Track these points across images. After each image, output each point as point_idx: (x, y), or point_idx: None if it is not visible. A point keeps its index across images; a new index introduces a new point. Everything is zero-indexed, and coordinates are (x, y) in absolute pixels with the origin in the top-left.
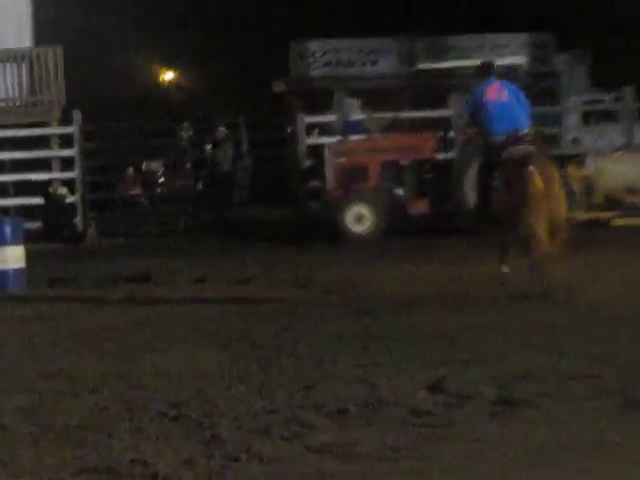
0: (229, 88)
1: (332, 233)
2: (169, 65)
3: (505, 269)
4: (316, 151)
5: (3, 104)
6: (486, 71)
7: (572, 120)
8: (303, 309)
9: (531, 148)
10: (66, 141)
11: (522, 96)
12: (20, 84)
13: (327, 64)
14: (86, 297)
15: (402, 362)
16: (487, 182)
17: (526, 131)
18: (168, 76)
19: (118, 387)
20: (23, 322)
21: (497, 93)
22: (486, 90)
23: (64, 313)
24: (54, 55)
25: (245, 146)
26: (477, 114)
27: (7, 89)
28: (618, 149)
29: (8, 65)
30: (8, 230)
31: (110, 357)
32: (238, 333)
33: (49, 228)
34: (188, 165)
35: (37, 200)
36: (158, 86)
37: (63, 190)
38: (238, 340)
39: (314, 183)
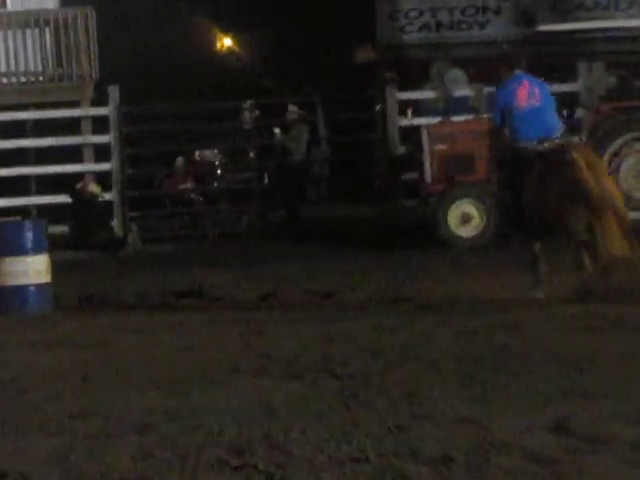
0: (302, 58)
1: (431, 237)
2: (227, 29)
3: (539, 294)
4: (411, 135)
5: (23, 79)
6: (512, 63)
7: None
8: (393, 330)
9: (567, 141)
10: (100, 125)
11: (549, 92)
12: (44, 55)
13: (424, 27)
14: (125, 318)
15: (515, 396)
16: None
17: (559, 135)
18: (226, 43)
19: (166, 428)
20: (48, 350)
21: (528, 95)
22: (516, 93)
23: (98, 339)
24: (85, 18)
25: (322, 130)
26: (506, 120)
27: (28, 61)
28: None
29: (29, 31)
30: (29, 236)
31: (155, 391)
32: (315, 360)
33: (80, 233)
34: (252, 154)
35: (64, 198)
36: (214, 56)
37: (94, 186)
38: (315, 369)
39: (408, 175)
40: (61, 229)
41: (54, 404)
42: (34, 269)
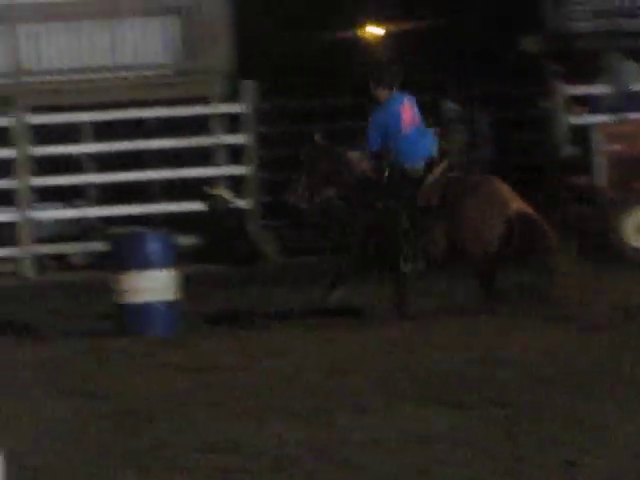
0: (459, 49)
1: (603, 247)
2: (374, 18)
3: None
4: (582, 134)
5: (148, 73)
6: (390, 81)
7: None
8: (561, 352)
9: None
10: (233, 124)
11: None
12: (171, 46)
13: (597, 14)
14: (263, 339)
15: None
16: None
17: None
18: (373, 32)
19: (310, 463)
20: (174, 375)
21: (411, 114)
22: (401, 113)
23: (232, 362)
24: (218, 6)
25: (483, 129)
26: (389, 142)
27: (154, 53)
28: None
29: (156, 21)
30: (154, 248)
31: (297, 420)
32: (476, 386)
33: (211, 244)
34: None
35: (193, 206)
36: (359, 48)
37: (226, 192)
38: (474, 395)
39: (579, 179)
40: (190, 240)
41: (183, 436)
42: (160, 285)
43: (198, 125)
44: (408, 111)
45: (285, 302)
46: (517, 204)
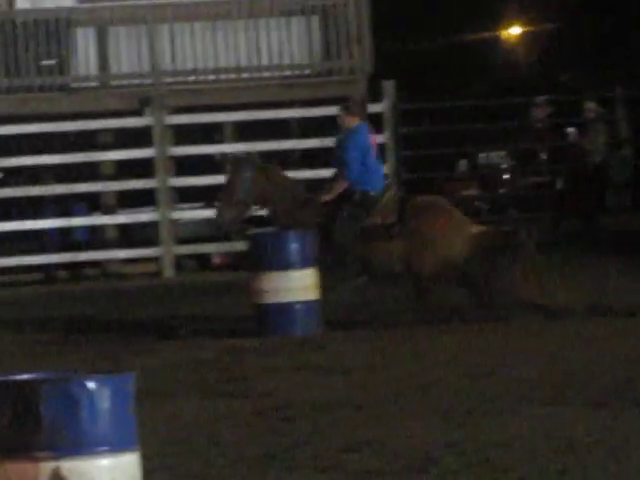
0: (600, 47)
1: None
2: (516, 17)
3: None
4: None
5: (288, 72)
6: (361, 111)
7: None
8: None
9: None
10: (375, 123)
11: None
12: (310, 46)
13: None
14: (403, 339)
15: None
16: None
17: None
18: (514, 31)
19: (451, 463)
20: (317, 375)
21: (372, 139)
22: (369, 134)
23: (372, 363)
24: (358, 4)
25: (623, 130)
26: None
27: (293, 53)
28: None
29: (294, 20)
30: (294, 247)
31: (436, 421)
32: (617, 386)
33: None
34: (544, 156)
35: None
36: (501, 47)
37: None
38: (617, 396)
39: None
40: None
41: (324, 436)
42: (300, 285)
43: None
44: (373, 140)
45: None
46: (474, 225)
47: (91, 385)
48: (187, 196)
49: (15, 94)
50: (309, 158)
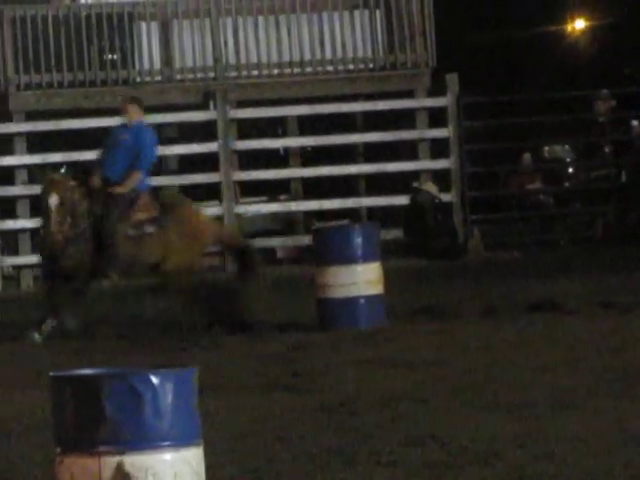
0: None
1: None
2: (580, 11)
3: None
4: None
5: (351, 67)
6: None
7: None
8: None
9: None
10: (437, 118)
11: None
12: (374, 39)
13: None
14: (467, 333)
15: None
16: None
17: None
18: (578, 25)
19: (516, 457)
20: (381, 369)
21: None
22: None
23: (436, 356)
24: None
25: None
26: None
27: (356, 47)
28: None
29: (357, 13)
30: (358, 242)
31: (502, 416)
32: None
33: (416, 238)
34: (607, 149)
35: (398, 199)
36: (564, 39)
37: (431, 186)
38: None
39: None
40: (394, 234)
41: (388, 430)
42: (364, 279)
43: (402, 119)
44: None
45: (487, 295)
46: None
47: (154, 380)
48: (251, 190)
49: (79, 88)
50: (372, 151)
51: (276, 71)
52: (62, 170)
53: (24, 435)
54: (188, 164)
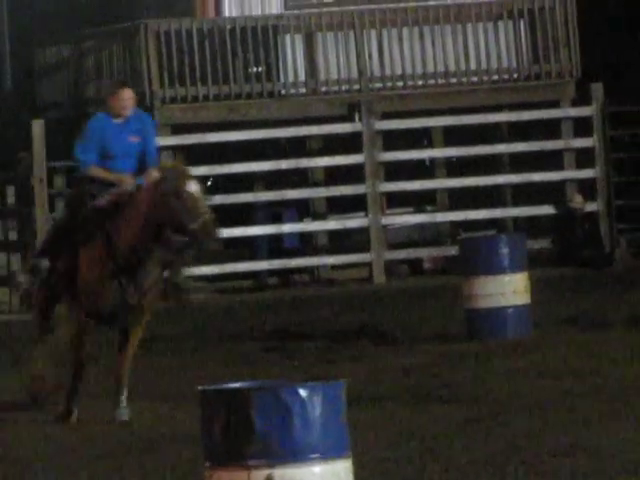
0: None
1: None
2: None
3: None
4: None
5: (496, 77)
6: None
7: None
8: None
9: None
10: (583, 127)
11: None
12: (519, 49)
13: None
14: (616, 343)
15: None
16: None
17: None
18: None
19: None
20: (529, 379)
21: None
22: None
23: (581, 366)
24: (565, 8)
25: None
26: None
27: (501, 57)
28: None
29: (501, 24)
30: (506, 252)
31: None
32: None
33: (564, 248)
34: None
35: (545, 210)
36: None
37: (578, 196)
38: None
39: None
40: (541, 244)
41: (538, 439)
42: (512, 289)
43: (547, 129)
44: None
45: (635, 306)
46: None
47: (303, 393)
48: (397, 201)
49: (224, 101)
50: (517, 162)
51: (420, 82)
52: (209, 183)
53: (173, 449)
54: (334, 176)
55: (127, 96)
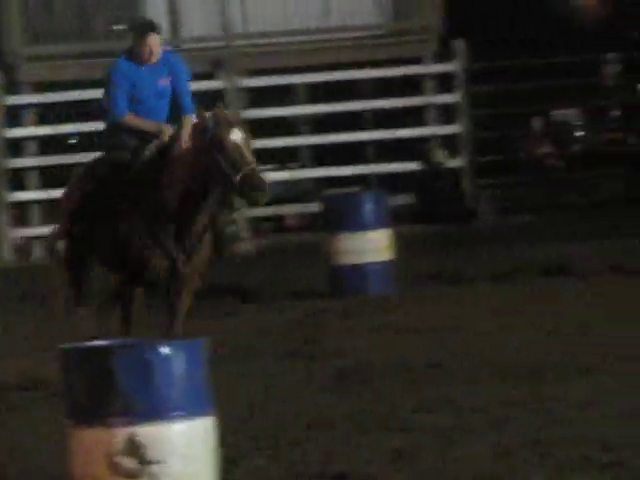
0: None
1: None
2: None
3: None
4: None
5: (358, 33)
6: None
7: None
8: None
9: None
10: (445, 84)
11: None
12: (381, 6)
13: None
14: (477, 299)
15: None
16: None
17: None
18: None
19: (528, 422)
20: (392, 336)
21: None
22: None
23: (446, 322)
24: None
25: None
26: None
27: (363, 13)
28: None
29: None
30: (368, 209)
31: (510, 380)
32: None
33: (426, 204)
34: (616, 112)
35: (407, 166)
36: (573, 2)
37: (440, 152)
38: None
39: None
40: (404, 200)
41: (400, 396)
42: (374, 246)
43: (410, 85)
44: None
45: (498, 260)
46: None
47: (165, 351)
48: (261, 159)
49: (86, 59)
50: (381, 119)
51: (284, 40)
52: (74, 141)
53: (34, 406)
54: None
55: (154, 42)
